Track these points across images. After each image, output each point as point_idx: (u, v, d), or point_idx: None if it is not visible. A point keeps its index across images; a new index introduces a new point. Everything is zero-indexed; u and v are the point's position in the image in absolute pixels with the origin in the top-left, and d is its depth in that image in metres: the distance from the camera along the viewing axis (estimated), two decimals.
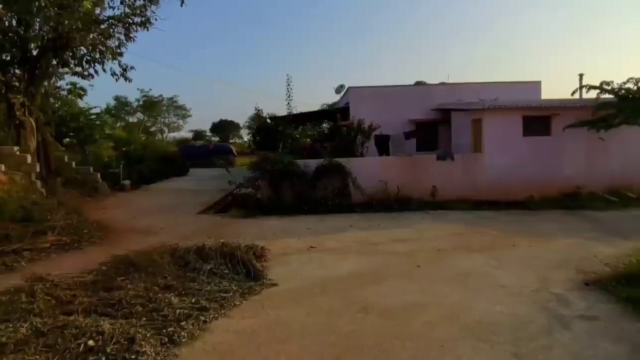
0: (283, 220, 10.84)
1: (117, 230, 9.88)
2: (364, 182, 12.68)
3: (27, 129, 13.50)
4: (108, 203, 14.14)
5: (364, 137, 14.21)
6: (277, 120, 17.06)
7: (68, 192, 14.53)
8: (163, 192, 16.77)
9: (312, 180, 12.69)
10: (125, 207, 13.30)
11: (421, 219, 10.78)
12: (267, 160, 12.51)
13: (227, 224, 10.53)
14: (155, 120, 56.30)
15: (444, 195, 13.17)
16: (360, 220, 10.58)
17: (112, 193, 16.42)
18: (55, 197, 13.23)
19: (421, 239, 8.55)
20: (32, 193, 12.21)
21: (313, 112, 19.42)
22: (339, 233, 9.14)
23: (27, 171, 12.89)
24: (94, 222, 10.85)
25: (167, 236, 9.10)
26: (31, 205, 11.08)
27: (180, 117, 60.59)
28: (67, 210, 11.88)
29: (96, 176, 16.55)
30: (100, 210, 12.71)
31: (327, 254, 7.44)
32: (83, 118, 25.37)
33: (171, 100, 56.47)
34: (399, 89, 18.43)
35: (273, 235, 8.97)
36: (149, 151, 24.64)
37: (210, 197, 15.45)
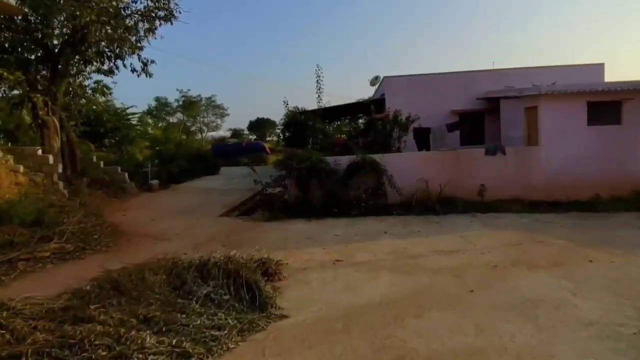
0: (310, 224, 9.59)
1: (130, 235, 8.99)
2: (402, 181, 11.21)
3: (51, 129, 12.99)
4: (132, 204, 13.45)
5: (402, 130, 12.71)
6: (306, 114, 15.82)
7: (93, 192, 13.97)
8: (190, 192, 15.98)
9: (344, 178, 11.37)
10: (148, 208, 12.52)
11: (468, 224, 9.19)
12: (293, 158, 11.30)
13: (248, 228, 9.41)
14: (195, 120, 56.83)
15: (493, 194, 11.48)
16: (396, 225, 9.15)
17: (139, 193, 15.80)
18: (78, 199, 12.67)
19: (470, 250, 7.03)
20: (52, 194, 11.62)
21: (344, 105, 17.97)
22: (371, 241, 7.77)
23: (49, 172, 12.35)
24: (109, 225, 10.06)
25: (179, 243, 8.10)
26: (47, 208, 10.43)
27: (219, 116, 60.90)
28: (86, 213, 11.19)
29: (124, 176, 15.98)
30: (122, 212, 11.98)
31: (355, 269, 6.10)
32: (119, 118, 25.37)
33: (209, 99, 56.77)
34: (439, 77, 16.66)
35: (295, 244, 7.73)
36: (181, 150, 24.15)
37: (237, 197, 14.48)
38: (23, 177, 11.27)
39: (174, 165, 19.15)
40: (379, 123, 13.29)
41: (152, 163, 19.99)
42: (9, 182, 10.72)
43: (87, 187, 14.00)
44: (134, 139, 27.17)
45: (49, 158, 12.42)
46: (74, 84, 14.51)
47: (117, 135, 25.19)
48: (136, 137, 27.81)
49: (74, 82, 14.42)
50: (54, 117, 13.11)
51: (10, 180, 10.76)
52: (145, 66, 13.11)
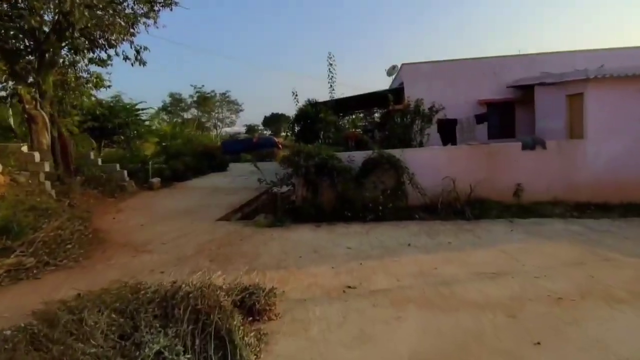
0: (318, 232, 8.07)
1: (109, 245, 7.63)
2: (424, 180, 9.62)
3: (39, 124, 11.75)
4: (128, 204, 12.15)
5: (424, 122, 11.05)
6: (317, 106, 14.28)
7: (87, 192, 12.72)
8: (192, 191, 14.63)
9: (358, 177, 9.83)
10: (142, 210, 11.20)
11: (508, 233, 7.53)
12: (300, 154, 9.79)
13: (246, 236, 7.94)
14: (210, 116, 56.01)
15: (531, 195, 9.80)
16: (420, 234, 7.55)
17: (138, 192, 14.52)
18: (67, 200, 11.42)
19: (520, 272, 5.41)
20: (36, 196, 10.38)
21: (358, 96, 16.32)
22: (391, 257, 6.19)
23: (35, 171, 11.13)
24: (92, 231, 8.75)
25: (160, 257, 6.69)
26: (27, 212, 9.19)
27: (233, 112, 60.01)
28: (71, 216, 9.90)
29: (122, 174, 14.72)
30: (113, 214, 10.67)
31: (372, 303, 4.54)
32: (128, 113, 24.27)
33: (224, 95, 55.88)
34: (464, 63, 14.86)
35: (298, 260, 6.21)
36: (189, 146, 22.91)
37: (241, 197, 13.05)
38: (2, 177, 10.04)
39: (179, 162, 17.85)
40: (398, 114, 11.67)
41: (158, 159, 18.77)
42: None
43: (81, 187, 12.78)
44: (143, 135, 26.14)
45: (35, 156, 11.18)
46: (67, 76, 13.24)
47: (125, 131, 24.17)
48: (145, 133, 26.79)
49: (67, 74, 13.16)
50: (43, 111, 11.87)
51: None
52: (138, 53, 11.73)
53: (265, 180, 10.50)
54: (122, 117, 23.64)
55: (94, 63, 13.37)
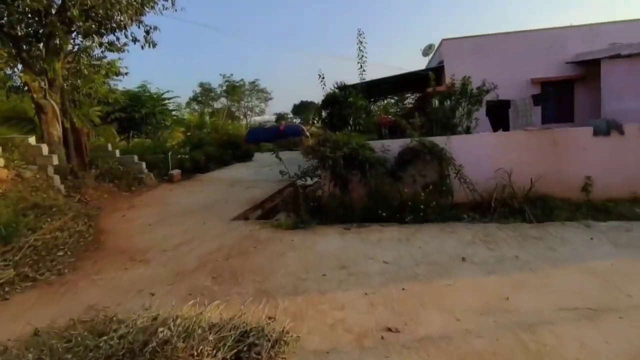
0: (347, 237, 6.65)
1: (105, 252, 6.51)
2: (473, 173, 8.03)
3: (48, 114, 10.84)
4: (142, 199, 11.13)
5: (472, 104, 9.34)
6: (346, 89, 12.75)
7: (101, 186, 11.82)
8: (213, 184, 13.52)
9: (394, 170, 8.33)
10: (155, 206, 10.13)
11: (588, 243, 5.82)
12: (326, 143, 8.37)
13: (262, 242, 6.63)
14: (239, 105, 55.45)
15: (602, 191, 8.03)
16: (476, 243, 5.99)
17: (157, 185, 13.56)
18: (77, 196, 10.52)
19: (628, 307, 3.76)
20: (43, 192, 9.50)
21: (391, 78, 14.60)
22: (443, 279, 4.69)
23: (43, 164, 10.26)
24: (94, 233, 7.75)
25: (156, 271, 5.48)
26: (27, 211, 8.28)
27: (263, 101, 59.23)
28: (76, 214, 8.97)
29: (141, 166, 13.78)
30: (123, 211, 9.66)
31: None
32: (154, 103, 23.57)
33: (253, 84, 55.12)
34: (514, 37, 12.88)
35: (321, 280, 4.81)
36: (213, 136, 21.93)
37: (263, 190, 11.82)
38: (5, 172, 9.17)
39: (200, 152, 16.80)
40: (439, 96, 10.01)
41: (183, 150, 17.83)
42: None
43: (96, 180, 11.89)
44: (170, 125, 25.44)
45: (43, 148, 10.29)
46: (81, 64, 12.27)
47: (152, 121, 23.50)
48: (172, 123, 26.09)
49: (79, 61, 12.18)
50: (52, 100, 10.96)
51: None
52: (148, 34, 10.57)
53: (288, 172, 9.16)
54: (149, 107, 22.98)
55: (108, 49, 12.36)
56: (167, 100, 25.10)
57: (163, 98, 24.59)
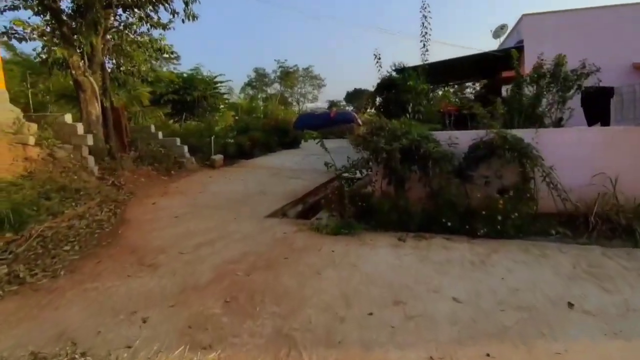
0: (402, 254, 5.14)
1: (114, 249, 5.52)
2: (565, 177, 6.24)
3: (87, 92, 10.20)
4: (178, 186, 10.27)
5: (565, 90, 7.40)
6: (405, 72, 11.10)
7: (140, 169, 11.15)
8: (255, 171, 12.46)
9: (462, 168, 6.70)
10: (189, 194, 9.19)
11: None
12: (380, 132, 6.88)
13: (296, 250, 5.34)
14: (292, 91, 54.84)
15: None
16: (581, 278, 4.24)
17: (198, 170, 12.74)
18: (112, 178, 9.84)
19: None
20: (74, 173, 8.85)
21: (461, 59, 12.66)
22: (545, 340, 3.07)
23: (77, 144, 9.64)
24: (116, 222, 6.88)
25: (161, 281, 4.36)
26: (52, 193, 7.59)
27: (316, 87, 58.15)
28: (105, 199, 8.22)
29: (182, 149, 13.03)
30: (155, 198, 8.81)
31: None
32: (205, 86, 23.09)
33: (306, 70, 54.17)
34: (609, 12, 10.51)
35: (365, 322, 3.37)
36: (262, 121, 21.01)
37: (307, 182, 10.57)
38: (36, 151, 8.58)
39: (246, 137, 15.85)
40: (521, 80, 8.11)
41: (230, 134, 17.01)
42: (13, 157, 8.03)
43: (134, 163, 11.22)
44: (220, 109, 24.95)
45: (77, 127, 9.65)
46: (123, 40, 11.55)
47: (203, 104, 23.08)
48: (223, 106, 25.61)
49: (121, 36, 11.46)
50: (92, 77, 10.30)
51: (14, 156, 8.06)
52: (187, 6, 9.53)
53: (334, 165, 7.79)
54: (201, 90, 22.55)
55: (152, 26, 11.56)
56: (219, 83, 24.58)
57: (215, 81, 24.08)
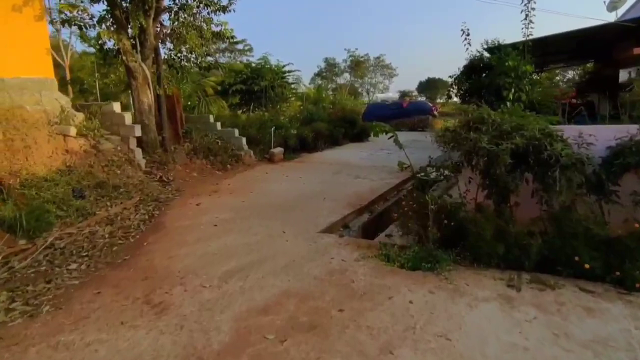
0: (520, 319, 3.21)
1: (126, 273, 4.27)
2: None
3: (139, 79, 9.31)
4: (230, 183, 9.08)
5: None
6: (500, 50, 8.85)
7: (193, 162, 10.18)
8: (315, 168, 10.94)
9: (600, 181, 4.57)
10: (239, 195, 7.91)
11: None
12: (479, 126, 4.94)
13: (355, 297, 3.63)
14: (362, 81, 52.81)
15: None
16: None
17: (256, 164, 11.55)
18: (160, 173, 8.91)
19: None
20: (117, 167, 7.98)
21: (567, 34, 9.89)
22: None
23: (125, 135, 8.80)
24: (144, 232, 5.74)
25: (161, 338, 2.94)
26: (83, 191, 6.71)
27: (387, 77, 55.51)
28: (145, 198, 7.22)
29: (240, 141, 11.91)
30: (201, 198, 7.65)
31: None
32: (272, 75, 22.11)
33: (377, 59, 51.77)
34: None
35: None
36: (328, 111, 19.48)
37: (375, 183, 8.82)
38: (79, 143, 7.79)
39: (309, 128, 14.40)
40: None
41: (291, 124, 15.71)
42: (52, 149, 7.27)
43: (187, 155, 10.27)
44: (287, 99, 23.89)
45: (125, 117, 8.80)
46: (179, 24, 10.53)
47: (270, 94, 22.16)
48: (291, 96, 24.55)
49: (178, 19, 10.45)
50: (144, 64, 9.40)
51: (53, 147, 7.29)
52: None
53: (411, 166, 5.97)
54: (268, 80, 21.64)
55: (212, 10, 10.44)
56: (287, 73, 23.49)
57: (283, 71, 23.01)
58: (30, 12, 7.86)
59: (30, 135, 6.93)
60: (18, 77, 7.73)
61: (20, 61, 7.77)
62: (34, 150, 6.83)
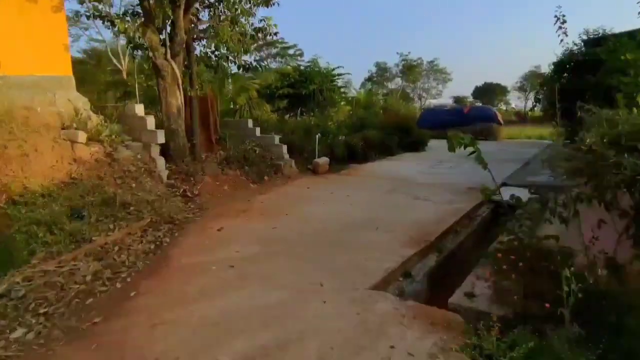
0: None
1: (91, 352, 2.89)
2: None
3: (167, 78, 8.12)
4: (263, 201, 7.60)
5: None
6: (607, 42, 6.68)
7: (226, 174, 8.84)
8: (366, 183, 9.22)
9: None
10: (271, 219, 6.38)
11: None
12: (637, 142, 3.04)
13: None
14: (414, 86, 50.30)
15: None
16: None
17: (297, 176, 10.06)
18: (184, 186, 7.62)
19: None
20: (133, 179, 6.75)
21: None
22: None
23: (147, 142, 7.60)
24: (140, 271, 4.36)
25: None
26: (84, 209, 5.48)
27: (440, 82, 52.53)
28: (158, 220, 5.90)
29: (281, 149, 10.47)
30: (227, 220, 6.23)
31: None
32: (321, 79, 20.70)
33: (431, 63, 49.10)
34: None
35: None
36: (380, 117, 17.64)
37: (440, 207, 6.94)
38: (91, 150, 6.65)
39: (359, 136, 12.70)
40: None
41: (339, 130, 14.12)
42: (57, 158, 6.14)
43: (219, 165, 8.96)
44: (336, 103, 22.35)
45: (147, 121, 7.60)
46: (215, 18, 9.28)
47: (318, 98, 20.74)
48: (340, 100, 22.99)
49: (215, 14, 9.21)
50: (174, 61, 8.21)
51: (58, 156, 6.16)
52: None
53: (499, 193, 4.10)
54: (317, 83, 20.26)
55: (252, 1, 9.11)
56: (336, 76, 21.96)
57: (332, 74, 21.50)
58: (47, 3, 6.87)
59: (30, 141, 5.83)
60: (32, 74, 6.76)
61: (34, 57, 6.78)
62: (32, 160, 5.72)
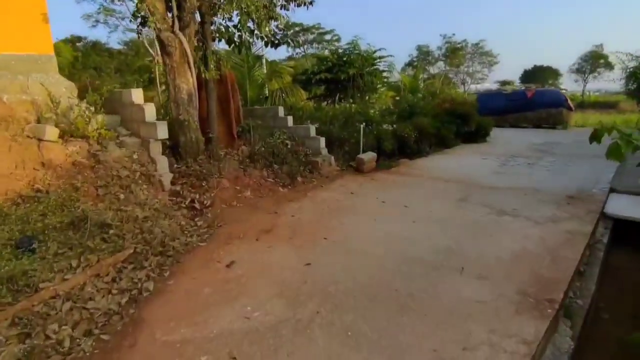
0: None
1: None
2: None
3: (175, 56, 6.30)
4: (296, 212, 5.67)
5: None
6: None
7: (249, 173, 6.96)
8: (423, 186, 7.05)
9: None
10: (302, 244, 4.45)
11: None
12: None
13: None
14: (458, 70, 46.68)
15: None
16: None
17: (338, 174, 8.06)
18: (192, 195, 5.82)
19: None
20: (123, 187, 5.01)
21: None
22: None
23: (145, 137, 5.83)
24: (85, 356, 2.51)
25: None
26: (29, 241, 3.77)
27: (486, 65, 48.39)
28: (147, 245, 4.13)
29: (318, 143, 8.49)
30: (242, 247, 4.37)
31: None
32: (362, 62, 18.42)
33: (476, 46, 45.27)
34: None
35: None
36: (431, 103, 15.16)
37: (543, 228, 4.72)
38: (64, 151, 4.94)
39: (409, 125, 10.42)
40: None
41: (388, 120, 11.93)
42: (15, 162, 4.46)
43: (241, 164, 7.10)
44: (378, 88, 20.03)
45: (145, 111, 5.80)
46: None
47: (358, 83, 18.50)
48: (382, 85, 20.64)
49: None
50: (183, 34, 6.36)
51: (18, 160, 4.47)
52: None
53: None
54: (357, 67, 18.03)
55: None
56: (378, 59, 19.57)
57: (373, 57, 19.14)
58: None
59: None
60: None
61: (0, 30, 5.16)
62: None
